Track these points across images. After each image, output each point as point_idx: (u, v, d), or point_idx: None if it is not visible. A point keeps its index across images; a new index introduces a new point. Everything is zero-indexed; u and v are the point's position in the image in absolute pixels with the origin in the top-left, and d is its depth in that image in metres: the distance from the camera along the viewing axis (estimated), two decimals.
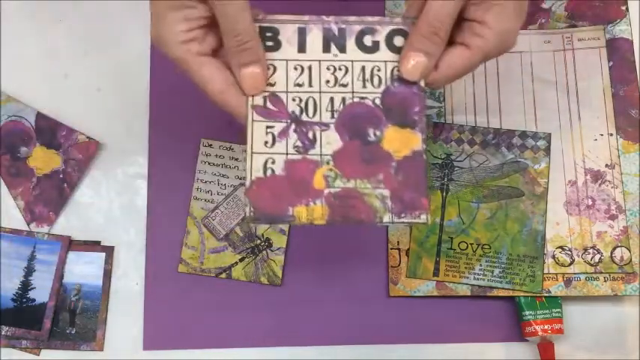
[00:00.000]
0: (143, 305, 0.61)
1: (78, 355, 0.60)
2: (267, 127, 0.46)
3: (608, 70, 0.64)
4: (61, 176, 0.63)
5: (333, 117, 0.46)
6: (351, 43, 0.47)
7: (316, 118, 0.46)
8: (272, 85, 0.46)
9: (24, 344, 0.60)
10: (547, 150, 0.63)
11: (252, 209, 0.44)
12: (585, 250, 0.60)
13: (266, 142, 0.46)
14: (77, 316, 0.60)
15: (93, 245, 0.62)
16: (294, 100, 0.47)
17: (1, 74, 0.65)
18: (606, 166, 0.62)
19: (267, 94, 0.46)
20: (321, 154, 0.46)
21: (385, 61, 0.47)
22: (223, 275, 0.61)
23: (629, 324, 0.60)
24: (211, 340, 0.60)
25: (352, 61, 0.47)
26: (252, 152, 0.45)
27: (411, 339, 0.60)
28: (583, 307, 0.61)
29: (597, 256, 0.60)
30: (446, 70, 0.46)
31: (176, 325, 0.60)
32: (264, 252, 0.61)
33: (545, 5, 0.66)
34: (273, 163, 0.46)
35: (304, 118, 0.46)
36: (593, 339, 0.60)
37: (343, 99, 0.47)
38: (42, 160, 0.63)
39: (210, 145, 0.63)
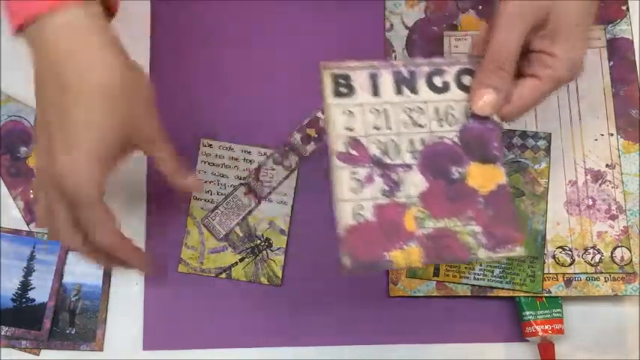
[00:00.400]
0: (143, 305, 0.61)
1: (78, 355, 0.60)
2: (352, 172, 0.46)
3: (609, 70, 0.64)
4: None
5: (414, 158, 0.47)
6: (421, 85, 0.49)
7: (398, 160, 0.47)
8: (351, 130, 0.47)
9: (24, 344, 0.60)
10: (547, 150, 0.63)
11: (349, 260, 0.44)
12: (586, 250, 0.60)
13: (352, 189, 0.46)
14: (77, 316, 0.60)
15: None
16: (374, 143, 0.47)
17: (1, 74, 0.65)
18: (607, 166, 0.62)
19: (347, 139, 0.47)
20: (407, 196, 0.46)
21: (457, 100, 0.49)
22: (223, 275, 0.61)
23: (629, 324, 0.60)
24: (211, 340, 0.60)
25: (425, 101, 0.48)
26: (339, 199, 0.45)
27: (411, 339, 0.60)
28: (583, 307, 0.60)
29: (597, 256, 0.60)
30: (519, 102, 0.48)
31: (176, 325, 0.60)
32: (264, 252, 0.61)
33: None
34: (362, 209, 0.46)
35: (387, 160, 0.47)
36: (594, 339, 0.60)
37: (422, 139, 0.48)
38: None
39: (210, 145, 0.63)
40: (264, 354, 0.60)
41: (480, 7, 0.66)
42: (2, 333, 0.59)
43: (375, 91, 0.48)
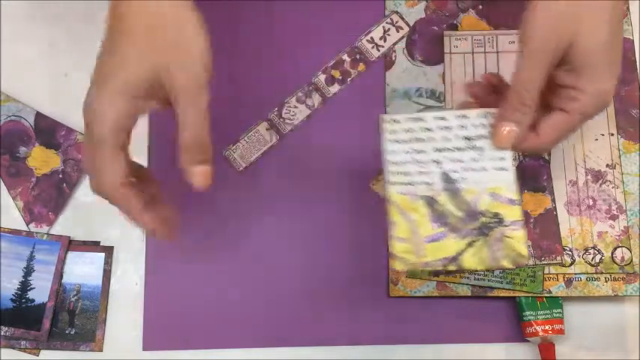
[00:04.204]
0: (143, 305, 0.61)
1: (77, 356, 0.60)
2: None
3: None
4: (61, 176, 0.63)
5: None
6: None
7: None
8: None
9: (23, 345, 0.60)
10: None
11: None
12: (586, 250, 0.60)
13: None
14: (76, 317, 0.60)
15: (92, 245, 0.62)
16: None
17: (1, 74, 0.65)
18: (607, 166, 0.62)
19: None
20: None
21: None
22: (452, 267, 0.51)
23: (629, 324, 0.60)
24: (211, 340, 0.60)
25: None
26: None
27: (411, 339, 0.60)
28: (584, 307, 0.60)
29: (598, 257, 0.60)
30: (546, 137, 0.48)
31: (176, 325, 0.60)
32: (496, 230, 0.51)
33: None
34: None
35: None
36: (594, 339, 0.60)
37: None
38: (41, 160, 0.63)
39: (396, 122, 0.51)
40: (264, 354, 0.60)
41: (480, 7, 0.66)
42: (2, 333, 0.59)
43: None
